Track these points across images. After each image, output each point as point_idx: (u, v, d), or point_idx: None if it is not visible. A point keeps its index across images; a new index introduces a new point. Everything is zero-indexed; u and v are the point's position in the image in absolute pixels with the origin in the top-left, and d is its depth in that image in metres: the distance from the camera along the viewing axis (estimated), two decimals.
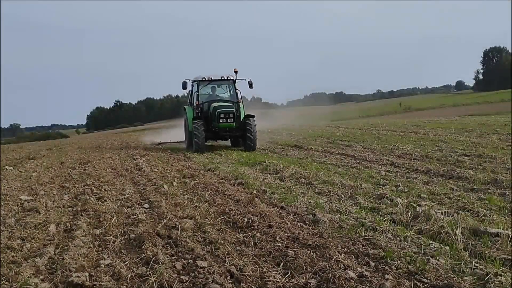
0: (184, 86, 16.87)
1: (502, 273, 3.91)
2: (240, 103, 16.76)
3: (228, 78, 16.91)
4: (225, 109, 15.87)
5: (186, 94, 20.24)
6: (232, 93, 17.26)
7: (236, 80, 16.89)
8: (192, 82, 17.45)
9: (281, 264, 4.42)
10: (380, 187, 7.86)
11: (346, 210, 6.39)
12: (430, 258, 4.38)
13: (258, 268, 4.28)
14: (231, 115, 15.79)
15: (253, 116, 16.25)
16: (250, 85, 16.59)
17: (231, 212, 6.49)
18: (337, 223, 5.80)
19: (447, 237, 4.98)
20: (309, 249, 4.77)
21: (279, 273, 4.18)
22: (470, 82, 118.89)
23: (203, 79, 16.81)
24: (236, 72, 16.71)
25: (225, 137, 16.66)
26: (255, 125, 15.89)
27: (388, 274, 4.03)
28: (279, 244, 4.98)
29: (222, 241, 5.11)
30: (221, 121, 15.66)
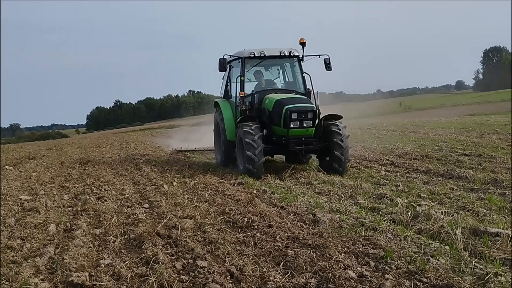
0: (222, 66, 10.50)
1: (502, 273, 3.91)
2: (311, 95, 10.67)
3: (292, 54, 10.84)
4: (298, 104, 9.56)
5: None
6: (291, 78, 11.33)
7: (304, 58, 10.84)
8: (230, 62, 11.16)
9: (281, 263, 4.42)
10: (380, 187, 7.86)
11: (346, 210, 6.39)
12: (430, 257, 4.38)
13: (258, 268, 4.28)
14: (310, 116, 9.55)
15: (338, 117, 10.11)
16: (328, 66, 10.68)
17: (231, 212, 6.49)
18: (337, 223, 5.81)
19: (447, 237, 4.98)
20: (309, 248, 4.77)
21: (279, 273, 4.18)
22: (470, 82, 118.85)
23: (252, 55, 10.62)
24: (303, 44, 10.65)
25: (297, 152, 9.88)
26: (348, 135, 9.83)
27: (388, 274, 4.03)
28: (279, 244, 4.98)
29: (222, 241, 5.11)
30: (292, 125, 9.45)
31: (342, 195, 7.38)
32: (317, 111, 9.67)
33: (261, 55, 10.69)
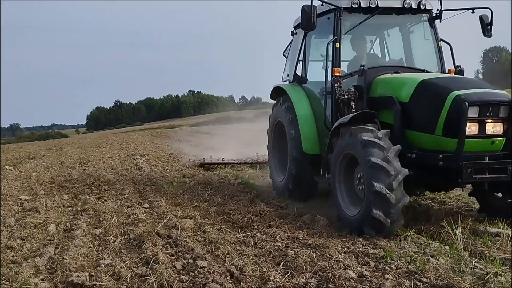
0: (309, 19, 5.94)
1: (502, 273, 3.91)
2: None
3: (423, 7, 6.48)
4: (479, 90, 5.20)
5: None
6: (401, 52, 7.02)
7: (443, 14, 6.57)
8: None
9: (281, 263, 4.42)
10: None
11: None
12: (430, 257, 4.38)
13: (258, 268, 4.28)
14: (502, 113, 5.11)
15: None
16: (487, 28, 6.50)
17: (231, 212, 6.49)
18: (337, 222, 5.81)
19: (447, 237, 4.98)
20: (309, 248, 4.77)
21: (279, 273, 4.17)
22: None
23: (355, 5, 6.32)
24: None
25: (476, 184, 5.53)
26: None
27: (388, 274, 4.03)
28: (279, 243, 4.98)
29: (222, 241, 5.11)
30: (469, 130, 5.02)
31: None
32: None
33: (371, 5, 6.29)
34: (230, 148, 13.90)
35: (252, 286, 3.96)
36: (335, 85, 6.18)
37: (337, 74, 6.19)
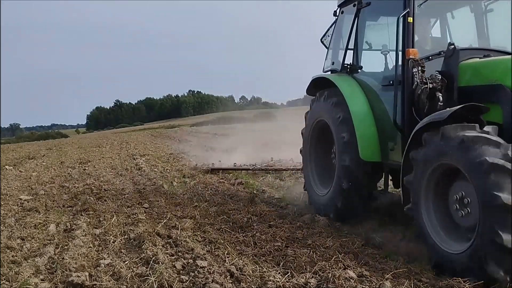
0: None
1: None
2: None
3: None
4: None
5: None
6: (478, 35, 5.67)
7: None
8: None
9: (281, 263, 4.42)
10: (380, 186, 7.83)
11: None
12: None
13: (258, 268, 4.28)
14: None
15: None
16: None
17: (231, 212, 6.49)
18: (337, 222, 5.80)
19: None
20: (309, 248, 4.77)
21: (279, 273, 4.17)
22: None
23: None
24: None
25: None
26: None
27: (388, 274, 4.03)
28: (279, 243, 4.98)
29: (222, 241, 5.11)
30: None
31: None
32: None
33: None
34: (237, 149, 13.09)
35: (252, 286, 3.95)
36: (414, 70, 4.62)
37: (413, 56, 4.65)
